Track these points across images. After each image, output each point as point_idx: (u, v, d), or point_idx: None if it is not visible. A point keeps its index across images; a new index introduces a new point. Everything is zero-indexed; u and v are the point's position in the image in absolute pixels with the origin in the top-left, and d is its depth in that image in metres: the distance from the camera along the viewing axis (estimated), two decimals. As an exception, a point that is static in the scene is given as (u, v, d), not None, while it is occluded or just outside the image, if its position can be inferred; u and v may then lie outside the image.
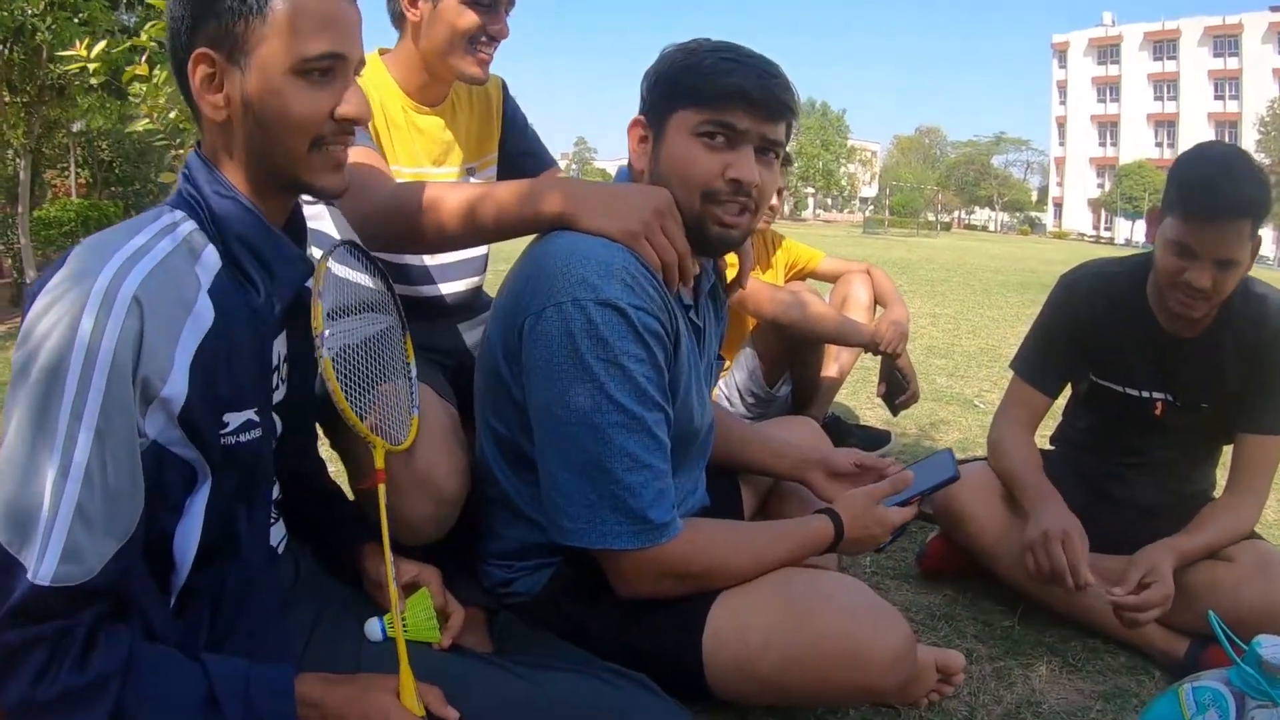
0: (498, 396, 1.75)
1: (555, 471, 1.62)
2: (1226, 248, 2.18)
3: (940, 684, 1.93)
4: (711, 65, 1.66)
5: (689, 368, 1.78)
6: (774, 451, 2.27)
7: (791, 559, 1.80)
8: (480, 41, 2.21)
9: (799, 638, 1.63)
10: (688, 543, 1.66)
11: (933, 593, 2.72)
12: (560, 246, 1.64)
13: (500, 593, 1.87)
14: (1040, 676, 2.28)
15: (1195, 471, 2.67)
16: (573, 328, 1.55)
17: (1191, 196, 2.19)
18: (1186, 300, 2.27)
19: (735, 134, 1.67)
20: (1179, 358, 2.45)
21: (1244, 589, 2.27)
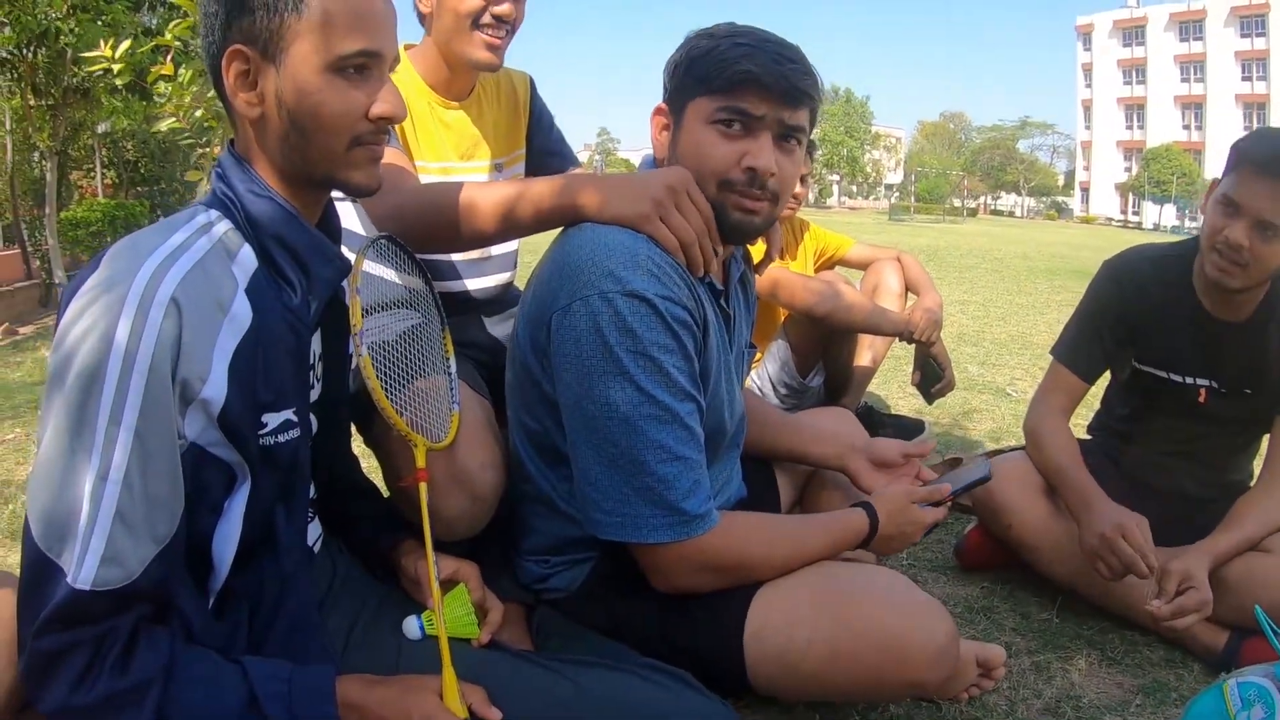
0: (529, 392, 1.74)
1: (588, 465, 1.60)
2: (1269, 208, 2.15)
3: (981, 678, 1.93)
4: (725, 51, 1.63)
5: (719, 356, 1.76)
6: (815, 438, 2.26)
7: (828, 552, 1.78)
8: (483, 23, 2.19)
9: (844, 632, 1.62)
10: (724, 535, 1.65)
11: (970, 585, 2.70)
12: (585, 240, 1.63)
13: (537, 588, 1.86)
14: (1079, 670, 2.26)
15: (1234, 460, 2.65)
16: (600, 321, 1.54)
17: (1250, 150, 2.19)
18: (1223, 265, 2.24)
19: (752, 120, 1.64)
20: (1224, 343, 2.43)
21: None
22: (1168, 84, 79.22)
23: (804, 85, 1.66)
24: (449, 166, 2.33)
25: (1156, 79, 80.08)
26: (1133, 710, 2.10)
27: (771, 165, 1.66)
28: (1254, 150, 2.19)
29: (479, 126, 2.40)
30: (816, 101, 1.72)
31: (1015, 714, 2.05)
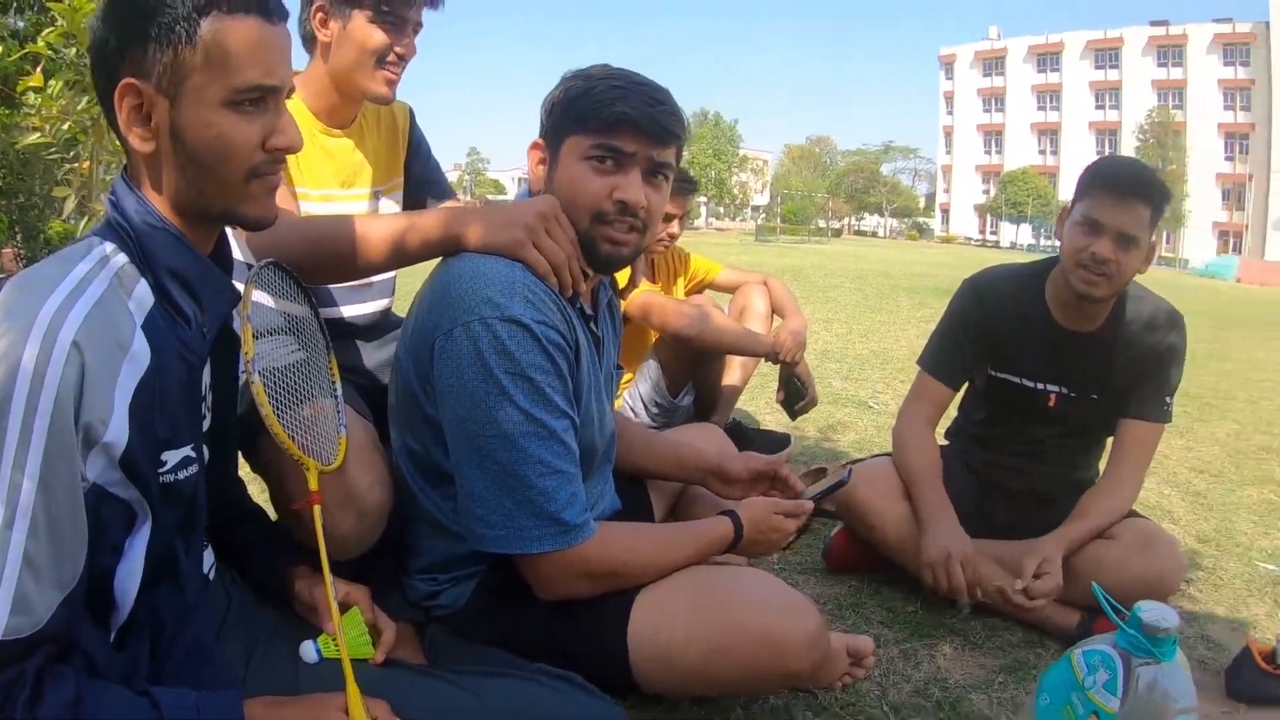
0: (412, 416, 1.82)
1: (472, 483, 1.69)
2: (1129, 222, 2.46)
3: (853, 667, 2.09)
4: (601, 93, 1.73)
5: (589, 376, 1.86)
6: (676, 458, 2.39)
7: (698, 557, 1.90)
8: (388, 61, 2.26)
9: (719, 628, 1.73)
10: (601, 543, 1.75)
11: (839, 585, 2.87)
12: (464, 269, 1.72)
13: (427, 606, 1.92)
14: (945, 655, 2.46)
15: (1082, 460, 2.91)
16: (481, 345, 1.63)
17: (1105, 175, 2.52)
18: (1089, 278, 2.51)
19: (623, 157, 1.75)
20: (1074, 353, 2.70)
21: (1129, 564, 2.51)
22: (1025, 112, 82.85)
23: (672, 126, 1.78)
24: (330, 194, 2.36)
25: (1014, 107, 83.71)
26: (996, 687, 2.31)
27: (641, 199, 1.77)
28: (1107, 175, 2.52)
29: (360, 154, 2.44)
30: (683, 140, 1.85)
31: (887, 698, 2.22)
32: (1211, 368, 9.03)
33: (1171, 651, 1.58)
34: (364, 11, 2.20)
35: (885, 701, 2.20)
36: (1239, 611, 3.02)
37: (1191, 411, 6.48)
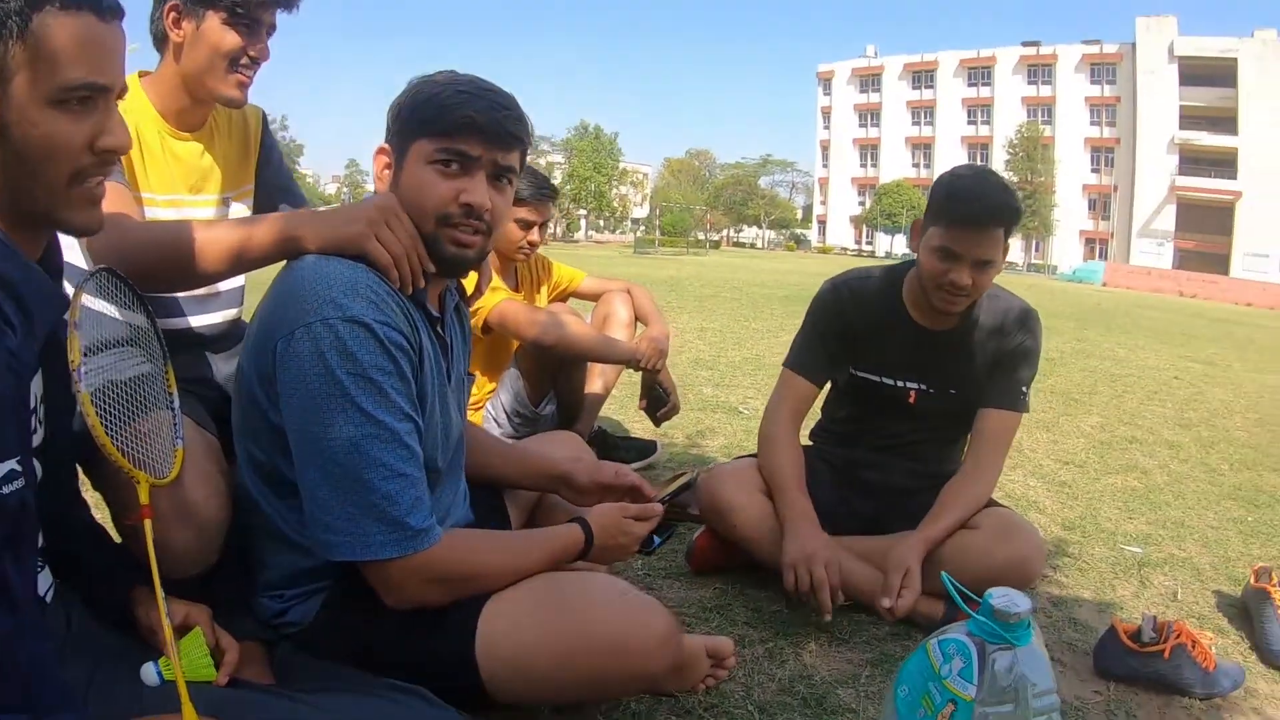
0: (255, 422, 1.76)
1: (315, 488, 1.64)
2: (985, 250, 2.51)
3: (715, 669, 2.02)
4: (447, 98, 1.73)
5: (434, 381, 1.83)
6: (529, 466, 2.35)
7: (548, 562, 1.86)
8: (241, 64, 2.22)
9: (567, 634, 1.69)
10: (448, 548, 1.71)
11: (704, 588, 2.82)
12: (307, 270, 1.68)
13: (276, 624, 1.85)
14: (810, 652, 2.44)
15: (943, 454, 2.93)
16: (322, 346, 1.59)
17: (956, 207, 2.52)
18: (949, 298, 2.58)
19: (468, 161, 1.75)
20: (931, 350, 2.75)
21: (991, 552, 2.54)
22: (900, 126, 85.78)
23: (516, 130, 1.79)
24: (177, 199, 2.30)
25: (890, 122, 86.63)
26: (863, 680, 2.29)
27: (486, 201, 1.77)
28: (962, 208, 2.52)
29: (210, 159, 2.38)
30: (526, 144, 1.86)
31: (752, 697, 2.18)
32: (1077, 365, 9.32)
33: (1026, 636, 1.57)
34: (218, 13, 2.16)
35: (750, 701, 2.16)
36: (1105, 594, 3.08)
37: (1057, 407, 6.66)
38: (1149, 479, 4.77)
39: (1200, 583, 3.25)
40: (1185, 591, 3.15)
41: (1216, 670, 2.37)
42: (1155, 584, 3.21)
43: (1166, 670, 2.35)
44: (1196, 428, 6.38)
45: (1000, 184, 2.60)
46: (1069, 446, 5.39)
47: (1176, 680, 2.34)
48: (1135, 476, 4.79)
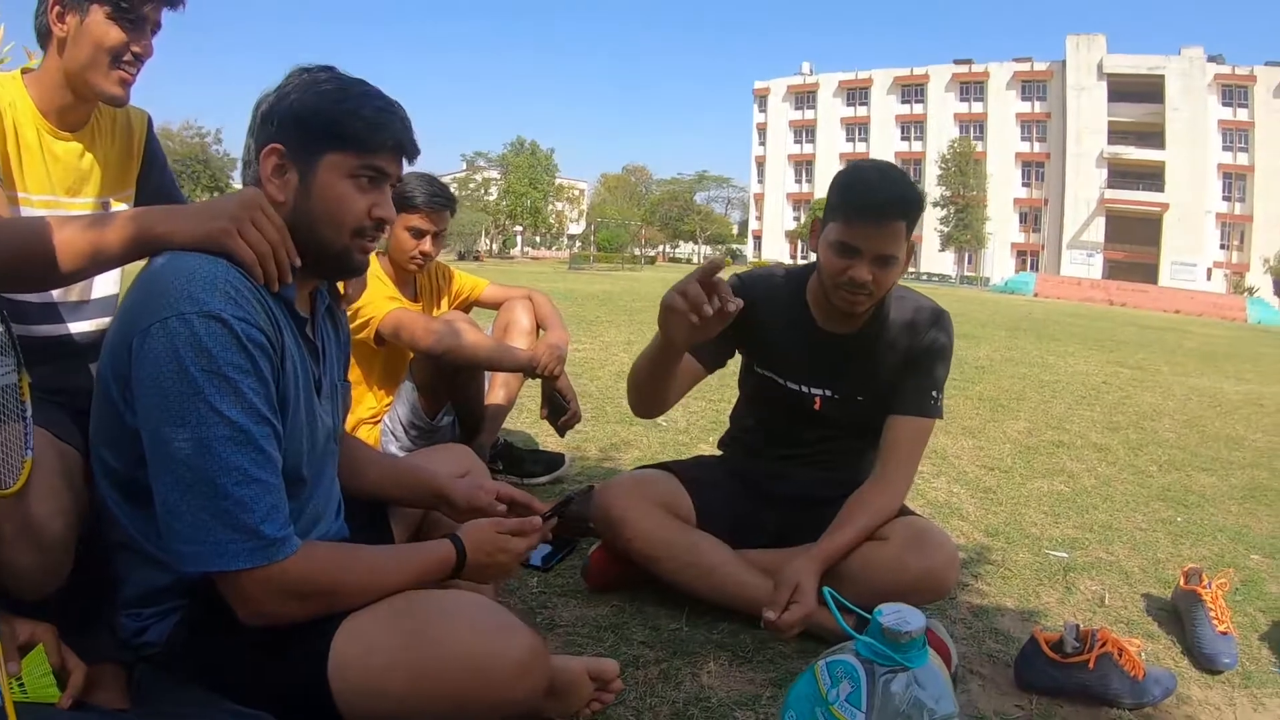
0: (111, 427, 1.67)
1: (167, 493, 1.55)
2: (884, 244, 2.39)
3: (600, 692, 1.99)
4: (370, 115, 1.73)
5: (298, 385, 1.75)
6: (410, 482, 2.27)
7: (415, 580, 1.77)
8: (124, 60, 2.18)
9: (422, 655, 1.62)
10: (306, 560, 1.62)
11: (601, 606, 2.66)
12: (166, 266, 1.62)
13: (135, 644, 1.74)
14: (710, 672, 2.30)
15: (854, 462, 2.76)
16: (177, 342, 1.52)
17: (853, 201, 2.41)
18: (850, 297, 2.45)
19: (381, 176, 1.77)
20: (836, 355, 2.63)
21: (902, 564, 2.41)
22: (834, 143, 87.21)
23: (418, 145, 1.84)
24: (54, 200, 2.24)
25: (824, 138, 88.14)
26: (764, 702, 2.16)
27: (394, 214, 1.85)
28: (859, 200, 2.41)
29: (90, 159, 2.33)
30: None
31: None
32: (1006, 372, 9.35)
33: (921, 656, 1.45)
34: (102, 7, 2.12)
35: None
36: (1029, 601, 2.98)
37: (984, 413, 6.63)
38: (1076, 482, 4.71)
39: (1129, 586, 3.16)
40: (1113, 596, 3.06)
41: (1146, 678, 2.28)
42: (1082, 589, 3.11)
43: (1092, 681, 2.25)
44: (1125, 430, 6.37)
45: (900, 176, 2.50)
46: (994, 452, 5.32)
47: (1103, 691, 2.25)
48: (1062, 480, 4.72)
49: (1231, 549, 3.72)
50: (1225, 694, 2.42)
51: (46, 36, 2.19)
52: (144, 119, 2.51)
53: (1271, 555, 3.66)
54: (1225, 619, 2.66)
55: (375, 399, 3.71)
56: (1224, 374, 11.45)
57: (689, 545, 2.57)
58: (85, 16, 2.12)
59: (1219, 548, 3.73)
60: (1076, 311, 28.93)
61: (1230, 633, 2.62)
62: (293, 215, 1.75)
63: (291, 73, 1.79)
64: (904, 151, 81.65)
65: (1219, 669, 2.52)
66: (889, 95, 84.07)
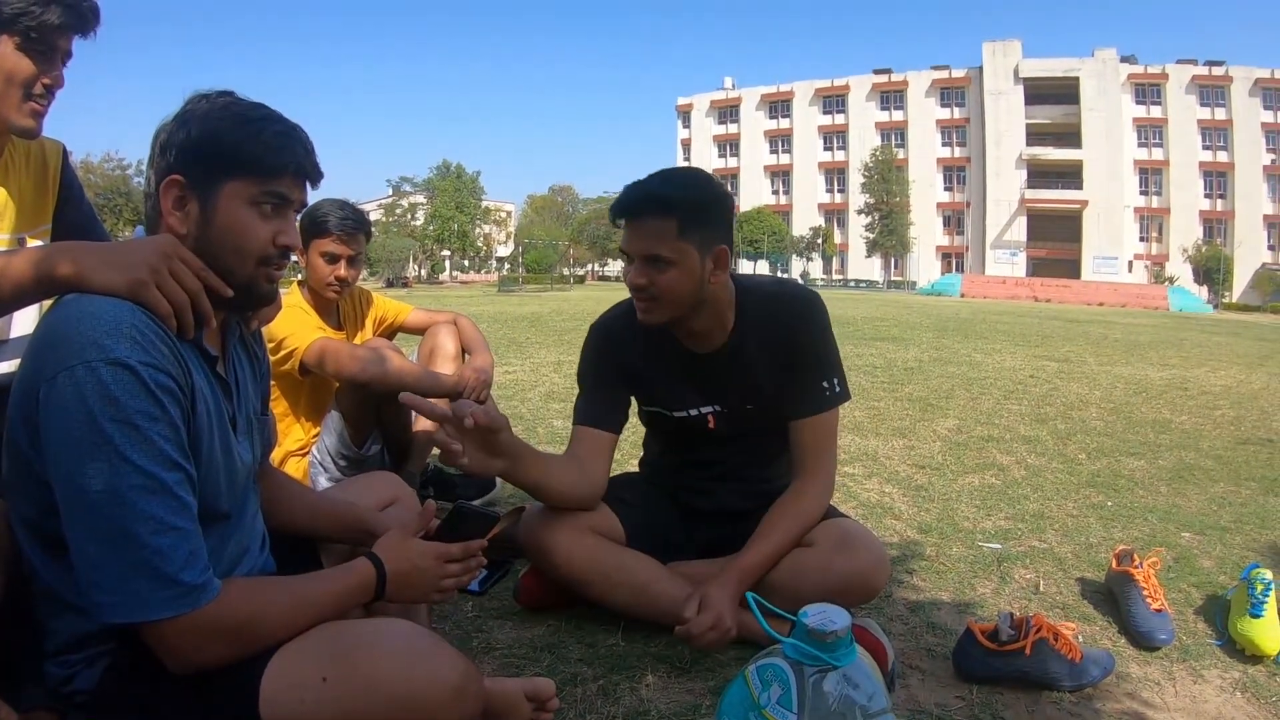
0: (23, 476, 1.62)
1: (83, 545, 1.52)
2: (645, 244, 2.37)
3: (537, 713, 1.95)
4: (270, 139, 1.70)
5: (210, 424, 1.71)
6: (334, 517, 2.22)
7: (340, 603, 1.74)
8: (35, 92, 2.15)
9: (351, 688, 1.57)
10: (227, 601, 1.59)
11: (538, 626, 2.63)
12: (70, 311, 1.58)
13: (64, 691, 1.70)
14: (648, 685, 2.28)
15: (771, 470, 2.75)
16: (84, 391, 1.49)
17: (613, 206, 2.43)
18: (639, 303, 2.45)
19: (284, 202, 1.74)
20: (710, 372, 2.59)
21: (831, 566, 2.41)
22: (759, 155, 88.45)
23: (320, 168, 1.81)
24: None
25: (749, 151, 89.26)
26: (704, 712, 2.15)
27: (299, 241, 1.92)
28: (613, 205, 2.44)
29: (3, 196, 2.29)
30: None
31: None
32: (935, 372, 9.45)
33: (849, 654, 1.46)
34: (11, 38, 2.09)
35: None
36: (965, 594, 3.00)
37: (914, 413, 6.68)
38: (1006, 475, 4.76)
39: (1063, 572, 3.20)
40: (1048, 583, 3.10)
41: (1084, 660, 2.31)
42: (1016, 578, 3.14)
43: (1030, 667, 2.27)
44: (1053, 421, 6.46)
45: (669, 174, 2.48)
46: (925, 451, 5.36)
47: (1043, 676, 2.27)
48: (993, 474, 4.77)
49: (1163, 529, 3.78)
50: (1164, 669, 2.46)
51: None
52: (58, 150, 2.46)
53: (1202, 532, 3.73)
54: (1159, 597, 2.70)
55: (303, 430, 3.67)
56: (1148, 361, 11.68)
57: (618, 565, 2.53)
58: None
59: (1150, 528, 3.79)
60: (1003, 309, 29.42)
61: (1165, 609, 2.66)
62: (196, 246, 1.70)
63: (189, 99, 1.75)
64: (827, 161, 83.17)
65: (1156, 645, 2.56)
66: (811, 106, 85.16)
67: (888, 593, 2.89)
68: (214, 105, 1.74)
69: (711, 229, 2.38)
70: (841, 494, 4.21)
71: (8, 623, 1.75)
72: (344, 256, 3.50)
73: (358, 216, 3.56)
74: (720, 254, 2.40)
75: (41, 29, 2.10)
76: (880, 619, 2.68)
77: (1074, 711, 2.21)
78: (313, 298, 3.59)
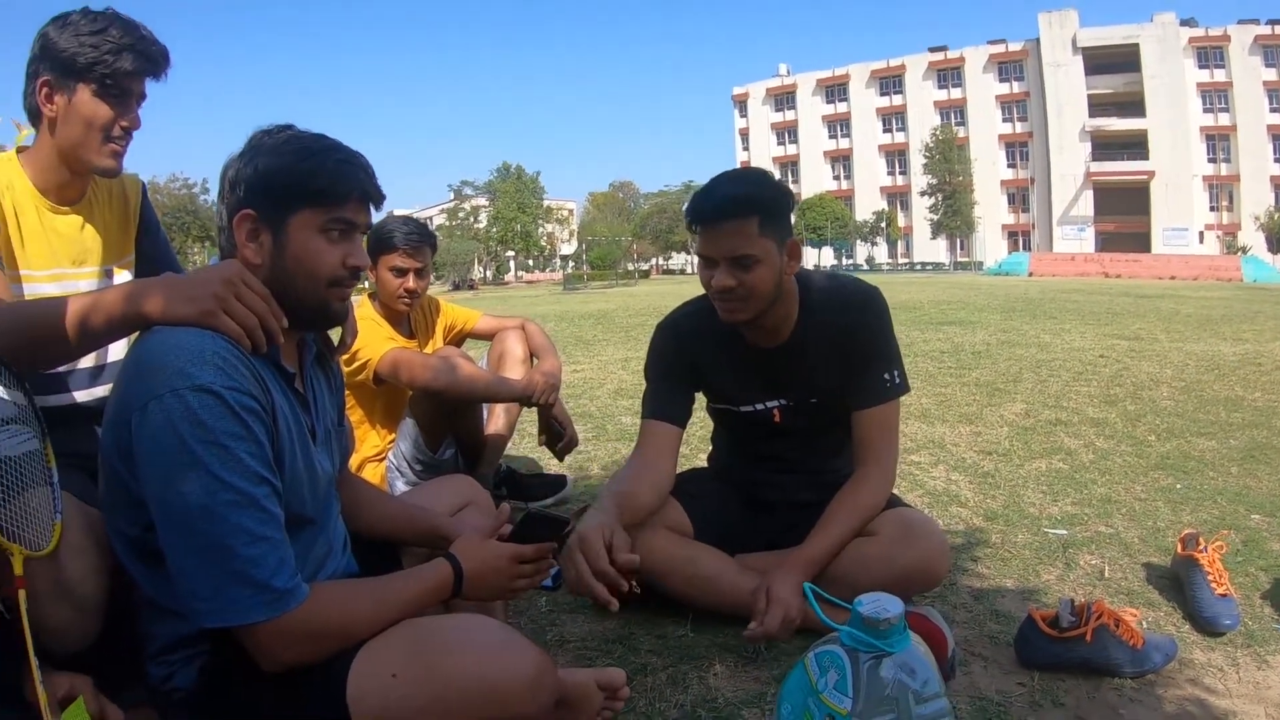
0: (121, 496, 1.74)
1: (180, 558, 1.63)
2: (729, 245, 2.41)
3: (609, 701, 2.02)
4: (333, 170, 1.80)
5: (293, 436, 1.83)
6: (408, 521, 2.34)
7: (420, 602, 1.84)
8: (114, 134, 2.28)
9: (432, 681, 1.67)
10: (316, 604, 1.70)
11: (608, 619, 2.71)
12: (156, 342, 1.70)
13: (164, 689, 1.83)
14: (716, 674, 2.35)
15: (835, 462, 2.81)
16: (173, 417, 1.59)
17: (692, 209, 2.46)
18: (726, 305, 2.49)
19: (351, 227, 1.84)
20: (775, 367, 2.66)
21: (893, 557, 2.46)
22: (817, 141, 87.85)
23: (383, 191, 1.91)
24: (60, 273, 2.36)
25: (807, 137, 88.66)
26: (769, 699, 2.20)
27: (367, 261, 1.92)
28: (693, 209, 2.47)
29: (91, 230, 2.44)
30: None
31: None
32: (1002, 355, 9.34)
33: (902, 641, 1.51)
34: (88, 85, 2.24)
35: None
36: (1029, 580, 3.01)
37: (981, 398, 6.63)
38: (1074, 459, 4.72)
39: (1129, 558, 3.19)
40: (1113, 569, 3.09)
41: (1146, 646, 2.31)
42: (1081, 565, 3.14)
43: (1091, 653, 2.28)
44: (1122, 402, 6.37)
45: (736, 175, 2.57)
46: (992, 436, 5.34)
47: (1104, 662, 2.28)
48: (1060, 458, 4.74)
49: (1232, 511, 3.74)
50: (1228, 655, 2.44)
51: (37, 116, 2.29)
52: (138, 187, 2.62)
53: (1272, 514, 3.68)
54: (1224, 581, 2.68)
55: (379, 437, 3.80)
56: (1221, 336, 11.41)
57: (687, 559, 2.62)
58: (73, 96, 2.23)
59: (1219, 511, 3.75)
60: (1072, 287, 28.89)
61: (1230, 594, 2.64)
62: (270, 275, 1.81)
63: (252, 137, 1.86)
64: (887, 144, 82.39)
65: (1220, 631, 2.54)
66: (868, 89, 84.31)
67: (952, 581, 2.93)
68: (277, 140, 1.85)
69: (784, 223, 2.47)
70: (908, 482, 4.24)
71: (109, 628, 1.88)
72: (411, 269, 3.63)
73: (422, 231, 3.68)
74: (793, 247, 2.48)
75: (115, 76, 2.24)
76: (944, 607, 2.72)
77: (1135, 698, 2.22)
78: (383, 309, 3.72)
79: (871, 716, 1.43)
